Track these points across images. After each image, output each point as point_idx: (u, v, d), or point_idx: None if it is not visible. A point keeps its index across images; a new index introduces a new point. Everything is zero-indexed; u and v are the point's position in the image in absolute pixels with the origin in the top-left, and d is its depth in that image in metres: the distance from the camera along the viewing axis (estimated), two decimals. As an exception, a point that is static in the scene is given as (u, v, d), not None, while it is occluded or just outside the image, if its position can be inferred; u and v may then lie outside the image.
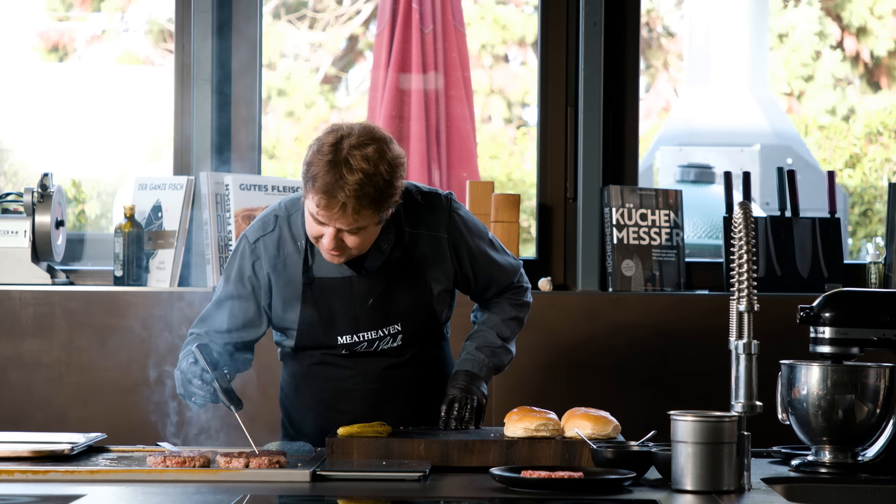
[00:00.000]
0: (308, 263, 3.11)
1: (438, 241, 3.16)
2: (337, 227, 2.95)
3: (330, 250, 2.99)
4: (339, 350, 3.15)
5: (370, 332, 3.14)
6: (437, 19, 4.57)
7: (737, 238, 2.60)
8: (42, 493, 2.50)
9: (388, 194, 2.95)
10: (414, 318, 3.16)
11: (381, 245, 3.08)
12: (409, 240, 3.13)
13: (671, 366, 4.16)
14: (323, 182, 2.89)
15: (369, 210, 2.93)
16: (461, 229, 3.19)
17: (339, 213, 2.91)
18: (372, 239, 3.03)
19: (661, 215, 4.33)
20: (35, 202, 4.16)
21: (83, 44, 10.01)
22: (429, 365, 3.24)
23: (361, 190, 2.89)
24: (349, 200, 2.89)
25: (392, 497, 2.52)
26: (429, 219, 3.16)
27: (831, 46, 10.91)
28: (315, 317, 3.12)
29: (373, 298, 3.11)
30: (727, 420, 2.52)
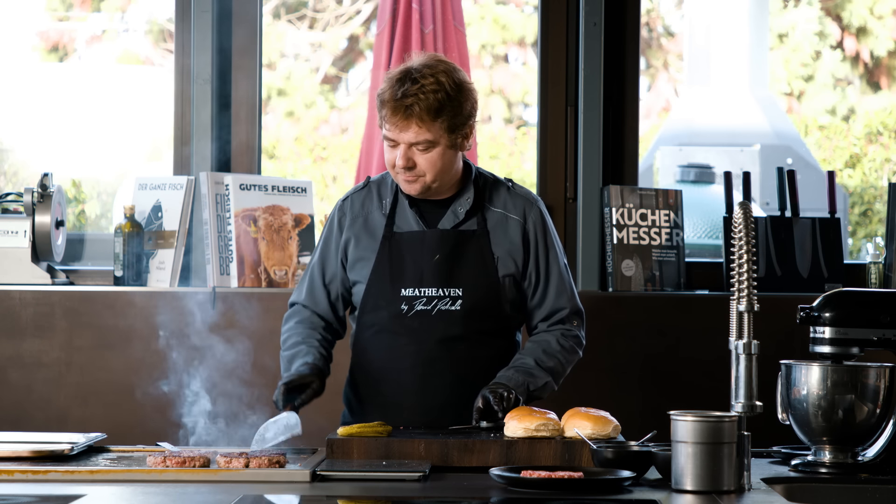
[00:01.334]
0: (392, 219, 3.24)
1: (514, 223, 3.26)
2: (407, 143, 3.11)
3: (402, 168, 3.13)
4: (400, 304, 3.19)
5: (432, 288, 3.19)
6: (437, 19, 4.57)
7: (737, 238, 2.60)
8: (42, 493, 2.50)
9: (453, 107, 3.12)
10: (476, 288, 3.20)
11: (456, 208, 3.22)
12: (486, 213, 3.24)
13: (671, 366, 4.16)
14: (390, 94, 3.10)
15: (435, 121, 3.10)
16: (539, 224, 3.28)
17: (405, 122, 3.09)
18: (446, 168, 3.16)
19: (661, 215, 4.33)
20: (35, 202, 4.16)
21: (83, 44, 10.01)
22: (485, 352, 3.23)
23: (426, 96, 3.08)
24: (414, 106, 3.08)
25: (392, 497, 2.52)
26: (511, 202, 3.27)
27: (831, 46, 10.92)
28: (386, 267, 3.21)
29: (439, 255, 3.19)
30: (727, 420, 2.52)
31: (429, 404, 3.16)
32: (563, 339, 3.29)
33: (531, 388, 3.19)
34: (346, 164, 9.70)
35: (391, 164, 3.16)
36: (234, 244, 4.18)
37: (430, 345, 3.19)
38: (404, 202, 3.24)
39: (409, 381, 3.19)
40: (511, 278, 3.24)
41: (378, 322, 3.23)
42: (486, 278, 3.21)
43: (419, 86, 3.09)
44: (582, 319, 3.34)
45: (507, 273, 3.23)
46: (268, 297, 4.11)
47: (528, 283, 3.28)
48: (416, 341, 3.19)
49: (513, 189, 3.30)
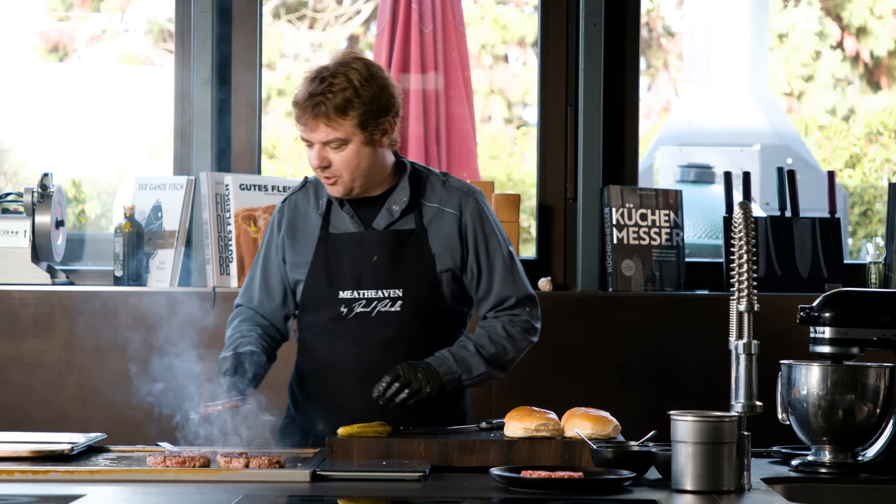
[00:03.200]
0: (327, 220, 3.23)
1: (450, 217, 3.23)
2: (318, 141, 3.12)
3: (317, 168, 3.14)
4: (339, 307, 3.18)
5: (371, 290, 3.19)
6: (437, 19, 4.57)
7: (737, 238, 2.60)
8: (42, 493, 2.50)
9: (362, 103, 3.11)
10: (415, 288, 3.19)
11: (391, 206, 3.20)
12: (422, 210, 3.23)
13: (671, 366, 4.16)
14: (301, 94, 3.13)
15: (344, 118, 3.10)
16: (475, 215, 3.25)
17: (313, 121, 3.11)
18: (365, 166, 3.15)
19: (661, 215, 4.33)
20: (35, 202, 4.16)
21: (83, 44, 10.01)
22: (426, 352, 3.20)
23: (333, 94, 3.10)
24: (321, 105, 3.09)
25: (392, 497, 2.52)
26: (446, 196, 3.26)
27: (831, 46, 10.92)
28: (323, 270, 3.21)
29: (377, 256, 3.18)
30: (727, 420, 2.52)
31: (371, 405, 3.12)
32: (509, 324, 3.25)
33: (463, 377, 3.16)
34: (346, 164, 9.68)
35: (311, 164, 3.17)
36: (234, 244, 4.18)
37: (371, 346, 3.17)
38: (341, 203, 3.23)
39: (351, 383, 3.17)
40: (450, 273, 3.22)
41: (318, 324, 3.23)
42: (426, 277, 3.20)
43: (327, 84, 3.10)
44: (533, 304, 3.30)
45: (445, 269, 3.21)
46: (268, 297, 4.11)
47: (469, 276, 3.25)
48: (357, 343, 3.18)
49: (448, 182, 3.28)
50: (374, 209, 3.22)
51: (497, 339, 3.23)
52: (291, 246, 3.27)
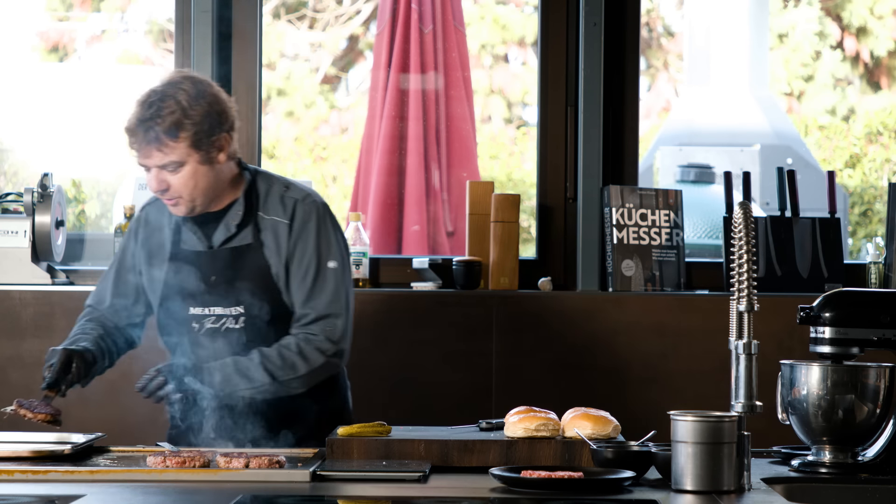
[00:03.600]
0: (178, 235, 3.23)
1: (283, 228, 3.20)
2: (155, 166, 3.09)
3: (157, 192, 3.13)
4: (191, 323, 3.19)
5: (216, 307, 3.19)
6: (437, 19, 4.57)
7: (737, 238, 2.60)
8: (42, 493, 2.50)
9: (193, 124, 3.08)
10: (256, 303, 3.18)
11: (228, 221, 3.19)
12: (259, 223, 3.21)
13: (671, 366, 4.16)
14: (132, 121, 3.09)
15: (176, 141, 3.07)
16: (302, 224, 3.20)
17: (146, 147, 3.08)
18: (204, 185, 3.13)
19: (661, 215, 4.33)
20: (35, 202, 4.16)
21: (83, 44, 10.00)
22: None
23: (162, 119, 3.06)
24: (151, 130, 3.06)
25: (392, 497, 2.52)
26: (281, 207, 3.22)
27: (831, 46, 10.91)
28: (174, 286, 3.21)
29: (215, 276, 3.18)
30: (727, 420, 2.52)
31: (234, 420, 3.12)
32: (304, 342, 3.17)
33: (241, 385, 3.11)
34: (346, 164, 9.70)
35: (151, 188, 3.15)
36: (234, 244, 4.17)
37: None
38: (185, 217, 3.21)
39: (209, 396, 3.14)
40: (287, 285, 3.20)
41: (175, 339, 3.24)
42: (265, 291, 3.18)
43: (155, 109, 3.07)
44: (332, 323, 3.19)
45: (282, 281, 3.20)
46: (268, 297, 4.11)
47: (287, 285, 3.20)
48: (211, 358, 3.16)
49: (287, 193, 3.24)
50: (215, 224, 3.21)
51: (287, 354, 3.15)
52: (147, 260, 3.28)
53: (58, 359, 3.13)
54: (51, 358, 3.14)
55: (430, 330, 4.14)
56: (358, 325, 4.06)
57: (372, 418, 3.04)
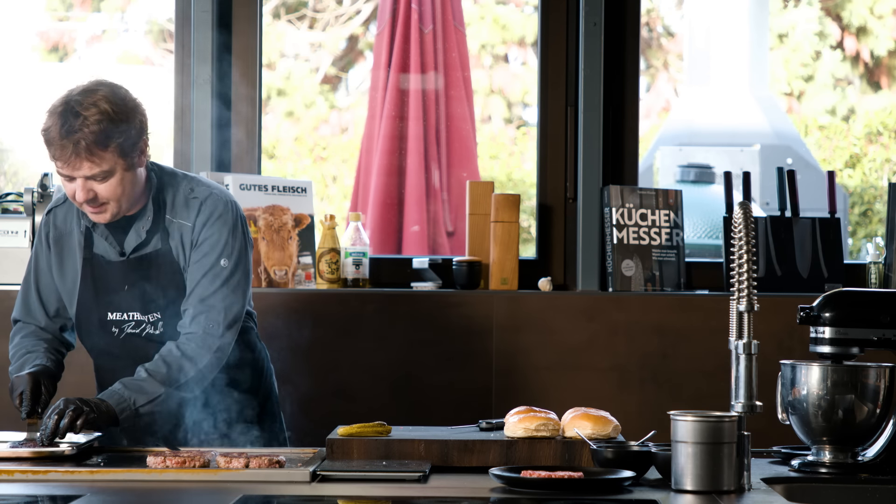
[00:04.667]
0: (90, 240, 3.18)
1: (187, 230, 3.16)
2: (83, 177, 3.01)
3: (83, 203, 3.05)
4: (110, 328, 3.16)
5: (135, 313, 3.16)
6: (437, 19, 4.57)
7: (737, 238, 2.60)
8: (42, 493, 2.50)
9: (121, 132, 3.01)
10: (172, 309, 3.14)
11: (139, 228, 3.14)
12: (168, 228, 3.17)
13: (671, 366, 4.16)
14: (55, 131, 2.98)
15: (106, 150, 2.99)
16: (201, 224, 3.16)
17: (75, 158, 2.98)
18: (129, 190, 3.07)
19: (661, 215, 4.33)
20: (35, 202, 4.16)
21: (83, 44, 10.01)
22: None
23: (90, 128, 2.97)
24: (81, 141, 2.97)
25: (392, 497, 2.52)
26: (186, 209, 3.17)
27: (831, 46, 10.91)
28: (91, 292, 3.17)
29: (128, 284, 3.14)
30: (727, 420, 2.52)
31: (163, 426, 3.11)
32: (184, 342, 3.10)
33: (138, 402, 3.03)
34: (346, 164, 9.70)
35: (71, 195, 3.06)
36: (234, 244, 4.17)
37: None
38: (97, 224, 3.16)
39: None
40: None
41: (96, 345, 3.21)
42: (180, 296, 3.15)
43: (81, 119, 2.98)
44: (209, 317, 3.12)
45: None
46: (268, 296, 4.11)
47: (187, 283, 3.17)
48: (135, 363, 3.10)
49: (192, 192, 3.19)
50: (126, 230, 3.16)
51: (171, 360, 3.08)
52: (58, 266, 3.23)
53: (27, 386, 3.06)
54: (18, 386, 3.07)
55: (430, 330, 4.14)
56: (358, 325, 4.06)
57: (372, 418, 3.05)
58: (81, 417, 2.90)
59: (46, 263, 3.26)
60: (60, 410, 2.91)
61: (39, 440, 2.90)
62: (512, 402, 3.94)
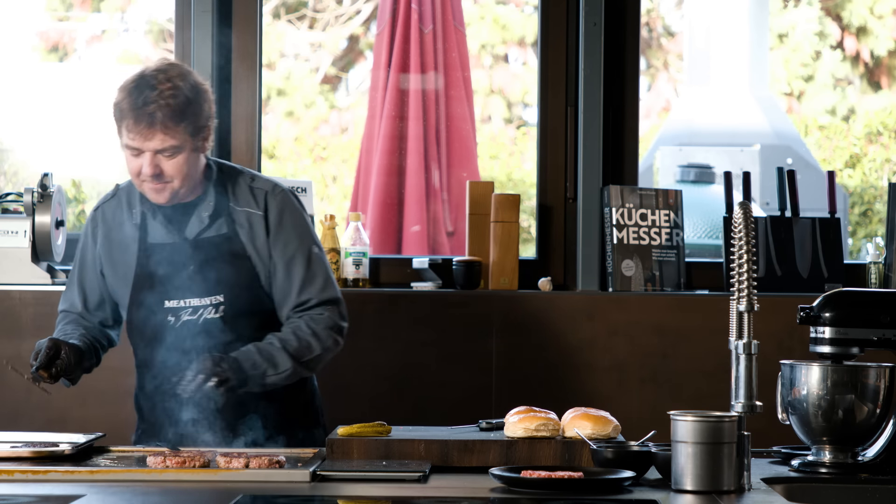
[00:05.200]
0: (144, 230, 3.21)
1: (257, 218, 3.22)
2: (152, 151, 3.07)
3: (150, 177, 3.09)
4: (166, 316, 3.18)
5: (194, 298, 3.18)
6: (437, 19, 4.57)
7: (737, 238, 2.60)
8: (42, 493, 2.50)
9: (194, 111, 3.09)
10: (236, 292, 3.18)
11: (201, 213, 3.19)
12: (232, 215, 3.21)
13: (671, 366, 4.16)
14: (130, 102, 3.08)
15: (179, 126, 3.06)
16: (277, 214, 3.24)
17: (148, 129, 3.05)
18: (192, 172, 3.13)
19: (661, 215, 4.33)
20: (35, 202, 4.16)
21: (83, 44, 10.00)
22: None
23: (166, 101, 3.05)
24: (157, 112, 3.04)
25: (392, 497, 2.52)
26: (252, 197, 3.24)
27: (831, 46, 10.91)
28: (146, 280, 3.20)
29: (193, 266, 3.17)
30: (727, 420, 2.52)
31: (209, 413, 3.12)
32: (312, 322, 3.21)
33: (268, 372, 3.12)
34: (346, 164, 9.70)
35: (136, 172, 3.12)
36: (234, 244, 4.17)
37: (202, 353, 3.13)
38: (154, 211, 3.21)
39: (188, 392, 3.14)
40: (266, 275, 3.22)
41: (148, 335, 3.22)
42: (244, 280, 3.19)
43: (158, 92, 3.06)
44: (335, 306, 3.25)
45: (261, 270, 3.21)
46: (268, 297, 4.11)
47: (275, 274, 3.23)
48: (188, 351, 3.15)
49: (254, 184, 3.27)
50: (187, 216, 3.20)
51: (302, 336, 3.18)
52: (108, 260, 3.26)
53: (46, 346, 3.11)
54: (38, 348, 3.13)
55: (430, 330, 4.14)
56: (358, 325, 4.06)
57: (372, 418, 3.05)
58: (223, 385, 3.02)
59: (92, 259, 3.29)
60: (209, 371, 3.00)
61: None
62: (512, 402, 3.94)
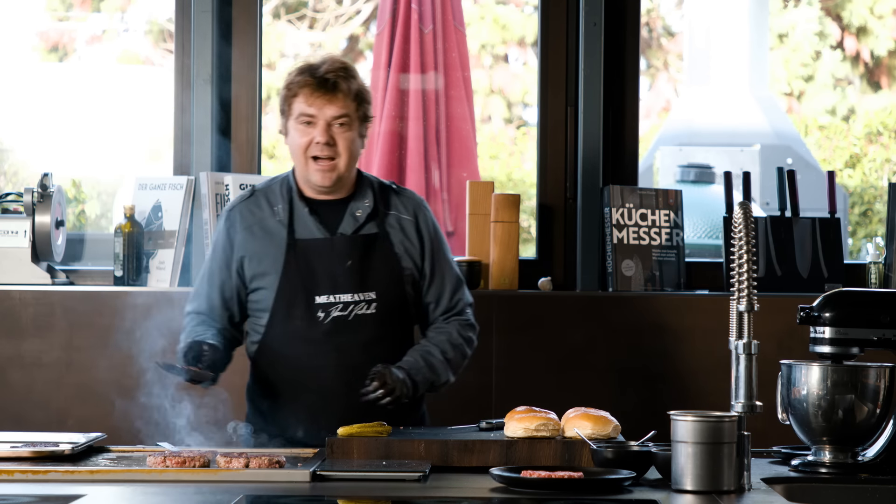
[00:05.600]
0: (291, 226, 3.24)
1: (408, 223, 3.31)
2: (327, 118, 3.18)
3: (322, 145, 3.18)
4: (315, 312, 3.20)
5: (346, 294, 3.21)
6: (437, 19, 4.57)
7: (737, 238, 2.60)
8: (42, 493, 2.50)
9: (364, 96, 3.25)
10: (388, 290, 3.25)
11: (354, 211, 3.25)
12: (383, 217, 3.29)
13: (671, 366, 4.16)
14: (309, 73, 3.22)
15: (353, 100, 3.19)
16: (431, 223, 3.36)
17: (331, 94, 3.18)
18: (355, 155, 3.24)
19: (661, 215, 4.33)
20: (35, 202, 4.16)
21: (83, 44, 10.01)
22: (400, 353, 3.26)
23: (343, 73, 3.20)
24: (338, 80, 3.18)
25: (392, 497, 2.52)
26: (401, 204, 3.33)
27: (831, 46, 10.91)
28: (296, 277, 3.22)
29: (351, 261, 3.22)
30: (727, 420, 2.52)
31: (354, 408, 3.13)
32: (462, 329, 3.33)
33: (435, 383, 3.24)
34: (345, 164, 9.69)
35: (305, 146, 3.21)
36: (234, 244, 4.18)
37: (351, 350, 3.20)
38: (301, 208, 3.26)
39: (334, 388, 3.19)
40: (411, 276, 3.30)
41: (292, 331, 3.23)
42: (395, 280, 3.26)
43: (336, 68, 3.21)
44: (473, 308, 3.42)
45: (407, 272, 3.29)
46: (268, 297, 4.11)
47: (424, 280, 3.32)
48: (337, 348, 3.20)
49: (400, 191, 3.37)
50: (338, 214, 3.26)
51: (457, 345, 3.30)
52: (253, 255, 3.27)
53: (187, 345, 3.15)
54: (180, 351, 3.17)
55: (430, 330, 4.13)
56: (358, 325, 4.06)
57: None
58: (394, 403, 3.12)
59: (225, 259, 3.30)
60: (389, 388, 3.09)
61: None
62: (512, 402, 3.94)
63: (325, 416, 3.16)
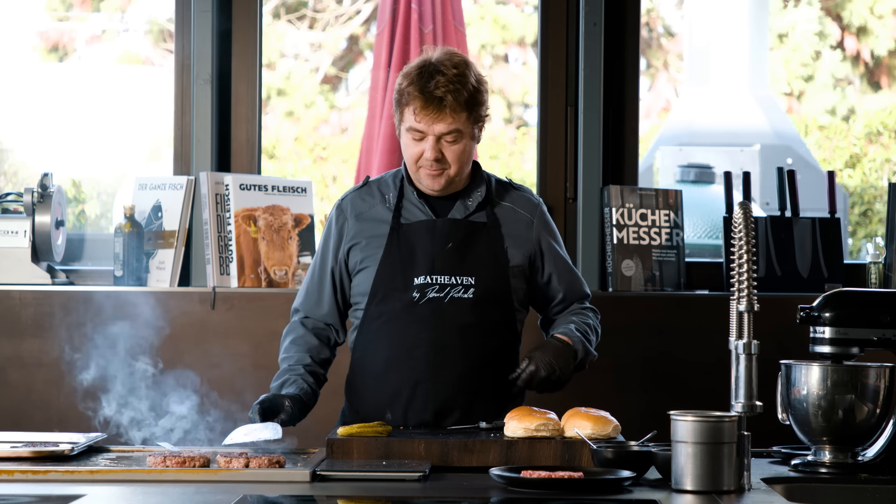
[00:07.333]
0: (398, 210, 3.26)
1: (522, 218, 3.31)
2: (437, 133, 3.14)
3: (432, 161, 3.16)
4: (412, 293, 3.19)
5: (444, 276, 3.21)
6: (436, 19, 4.57)
7: (737, 238, 2.60)
8: (42, 493, 2.50)
9: (478, 99, 3.20)
10: (487, 276, 3.23)
11: (466, 201, 3.26)
12: (496, 208, 3.29)
13: (671, 366, 4.16)
14: (419, 86, 3.14)
15: (464, 111, 3.15)
16: (546, 221, 3.36)
17: (436, 112, 3.13)
18: (467, 160, 3.22)
19: (661, 215, 4.33)
20: (35, 202, 4.16)
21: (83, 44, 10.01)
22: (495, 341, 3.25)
23: (455, 86, 3.14)
24: (446, 96, 3.12)
25: (392, 497, 2.52)
26: (518, 200, 3.34)
27: (831, 46, 10.92)
28: (396, 257, 3.22)
29: (452, 243, 3.22)
30: (727, 420, 2.52)
31: (441, 393, 3.16)
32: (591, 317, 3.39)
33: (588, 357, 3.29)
34: (345, 164, 9.71)
35: (415, 157, 3.18)
36: (234, 244, 4.18)
37: (443, 332, 3.19)
38: (411, 196, 3.26)
39: (422, 369, 3.18)
40: (520, 270, 3.28)
41: (388, 311, 3.22)
42: (497, 268, 3.24)
43: (447, 78, 3.14)
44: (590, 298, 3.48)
45: (516, 264, 3.27)
46: (268, 297, 4.11)
47: (542, 277, 3.33)
48: (429, 329, 3.19)
49: (514, 187, 3.37)
50: (449, 203, 3.26)
51: (594, 326, 3.36)
52: (360, 237, 3.27)
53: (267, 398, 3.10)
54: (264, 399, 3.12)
55: (430, 330, 4.13)
56: (358, 325, 4.06)
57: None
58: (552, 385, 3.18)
59: (334, 249, 3.30)
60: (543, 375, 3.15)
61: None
62: (512, 402, 3.94)
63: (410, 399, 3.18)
